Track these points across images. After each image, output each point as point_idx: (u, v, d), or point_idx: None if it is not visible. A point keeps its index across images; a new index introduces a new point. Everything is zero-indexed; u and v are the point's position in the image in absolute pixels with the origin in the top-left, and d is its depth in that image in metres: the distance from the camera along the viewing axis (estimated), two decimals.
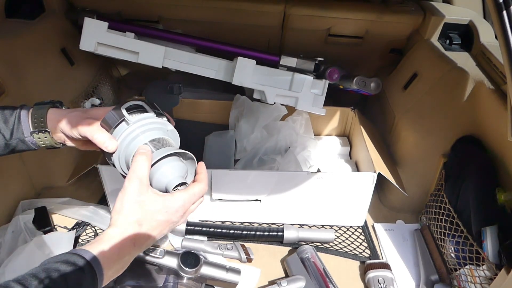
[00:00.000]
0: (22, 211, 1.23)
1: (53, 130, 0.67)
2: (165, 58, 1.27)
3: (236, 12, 1.44)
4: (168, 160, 0.63)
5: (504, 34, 0.72)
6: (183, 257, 0.98)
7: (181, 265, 0.96)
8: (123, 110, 0.65)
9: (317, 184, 1.17)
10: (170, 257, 0.99)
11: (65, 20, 1.41)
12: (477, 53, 1.28)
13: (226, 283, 1.00)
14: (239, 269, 1.02)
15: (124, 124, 0.64)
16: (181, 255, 0.99)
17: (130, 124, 0.64)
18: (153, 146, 0.64)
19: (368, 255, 1.20)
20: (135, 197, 0.57)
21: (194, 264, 0.97)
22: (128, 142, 0.64)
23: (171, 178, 0.62)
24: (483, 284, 0.94)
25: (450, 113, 1.20)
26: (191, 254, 0.99)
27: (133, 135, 0.64)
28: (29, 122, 0.67)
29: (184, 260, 0.97)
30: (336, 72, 1.31)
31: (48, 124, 0.67)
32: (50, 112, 0.68)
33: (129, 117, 0.64)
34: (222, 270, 1.01)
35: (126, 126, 0.64)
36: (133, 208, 0.57)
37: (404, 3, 1.51)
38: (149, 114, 0.67)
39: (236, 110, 1.48)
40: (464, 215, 1.04)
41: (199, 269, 0.98)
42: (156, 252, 0.98)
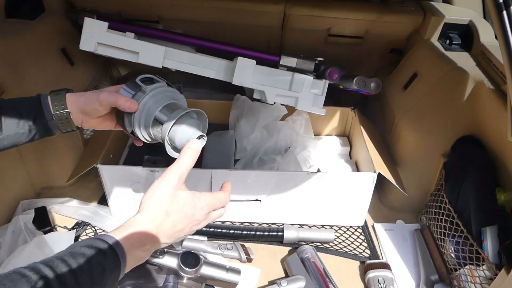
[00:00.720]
0: (22, 211, 1.23)
1: (72, 111, 0.73)
2: (165, 58, 1.27)
3: (236, 12, 1.44)
4: (185, 119, 0.71)
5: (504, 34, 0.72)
6: (183, 257, 0.98)
7: (181, 265, 0.96)
8: (138, 81, 0.73)
9: (317, 184, 1.17)
10: (170, 257, 0.99)
11: (65, 20, 1.41)
12: (477, 53, 1.28)
13: (226, 283, 1.00)
14: (239, 269, 1.02)
15: (140, 93, 0.72)
16: (181, 255, 0.98)
17: (147, 92, 0.72)
18: (170, 108, 0.71)
19: (368, 255, 1.20)
20: (170, 190, 0.61)
21: (194, 264, 0.97)
22: (148, 108, 0.72)
23: (191, 133, 0.71)
24: (483, 284, 0.94)
25: (450, 113, 1.20)
26: (191, 254, 0.99)
27: (151, 101, 0.72)
28: (50, 106, 0.72)
29: (184, 260, 0.97)
30: (336, 72, 1.31)
31: (67, 106, 0.72)
32: (68, 96, 0.73)
33: (144, 86, 0.72)
34: (222, 270, 1.00)
35: (142, 95, 0.72)
36: (166, 198, 0.60)
37: (404, 3, 1.51)
38: (161, 83, 0.75)
39: (236, 110, 1.48)
40: (464, 215, 1.04)
41: (199, 269, 0.97)
42: (156, 252, 0.97)
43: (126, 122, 0.73)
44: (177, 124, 0.70)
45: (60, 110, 0.72)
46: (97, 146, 1.28)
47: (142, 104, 0.72)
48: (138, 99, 0.72)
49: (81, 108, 0.73)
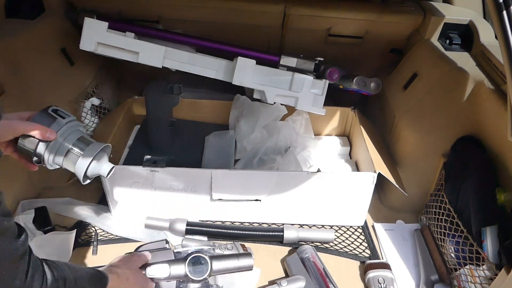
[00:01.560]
0: (22, 211, 1.23)
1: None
2: (165, 58, 1.27)
3: (236, 12, 1.44)
4: (98, 155, 0.79)
5: (504, 34, 0.72)
6: (190, 263, 0.89)
7: (190, 275, 0.88)
8: (51, 113, 0.76)
9: (317, 184, 1.17)
10: (176, 265, 0.89)
11: (65, 20, 1.41)
12: (477, 53, 1.28)
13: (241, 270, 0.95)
14: (249, 252, 0.99)
15: (56, 125, 0.75)
16: (188, 262, 0.89)
17: (62, 124, 0.75)
18: (83, 141, 0.78)
19: (368, 255, 1.20)
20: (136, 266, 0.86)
21: (204, 271, 0.90)
22: (63, 139, 0.76)
23: (104, 168, 0.81)
24: (483, 284, 0.94)
25: (450, 113, 1.20)
26: (197, 259, 0.90)
27: (66, 133, 0.76)
28: None
29: (193, 270, 0.89)
30: (336, 72, 1.31)
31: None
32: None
33: (60, 118, 0.76)
34: (233, 259, 0.94)
35: (58, 126, 0.75)
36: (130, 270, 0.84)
37: (404, 3, 1.51)
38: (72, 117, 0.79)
39: (236, 110, 1.48)
40: (464, 215, 1.04)
41: (210, 273, 0.90)
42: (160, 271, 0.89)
43: (37, 150, 0.74)
44: (94, 160, 0.78)
45: None
46: None
47: (58, 135, 0.75)
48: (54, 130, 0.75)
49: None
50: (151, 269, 0.86)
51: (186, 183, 1.17)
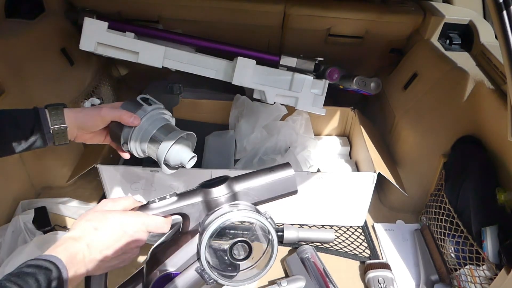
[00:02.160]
0: (22, 211, 1.23)
1: (70, 126, 0.75)
2: (165, 58, 1.27)
3: (236, 12, 1.44)
4: (179, 141, 0.77)
5: (504, 34, 0.72)
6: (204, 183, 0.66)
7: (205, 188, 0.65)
8: (139, 100, 0.79)
9: (317, 184, 1.17)
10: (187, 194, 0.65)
11: (65, 20, 1.41)
12: (477, 53, 1.28)
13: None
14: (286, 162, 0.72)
15: (141, 112, 0.77)
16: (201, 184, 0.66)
17: (148, 111, 0.77)
18: (166, 129, 0.77)
19: (368, 255, 1.20)
20: (101, 209, 0.62)
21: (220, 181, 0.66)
22: (147, 126, 0.77)
23: (185, 155, 0.76)
24: (483, 284, 0.94)
25: (450, 113, 1.20)
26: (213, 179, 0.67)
27: (150, 120, 0.77)
28: (49, 119, 0.74)
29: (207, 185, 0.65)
30: (336, 72, 1.31)
31: (66, 121, 0.75)
32: (66, 111, 0.75)
33: (146, 105, 0.78)
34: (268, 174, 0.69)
35: (143, 113, 0.77)
36: (95, 216, 0.60)
37: (404, 3, 1.51)
38: (159, 105, 0.81)
39: (236, 110, 1.48)
40: (464, 215, 1.04)
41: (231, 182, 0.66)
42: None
43: (124, 135, 0.77)
44: (173, 147, 0.76)
45: (58, 125, 0.74)
46: (97, 146, 1.28)
47: (143, 122, 0.77)
48: (139, 117, 0.77)
49: (79, 123, 0.76)
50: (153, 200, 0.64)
51: (186, 183, 1.17)
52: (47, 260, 0.53)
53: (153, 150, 0.77)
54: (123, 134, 0.77)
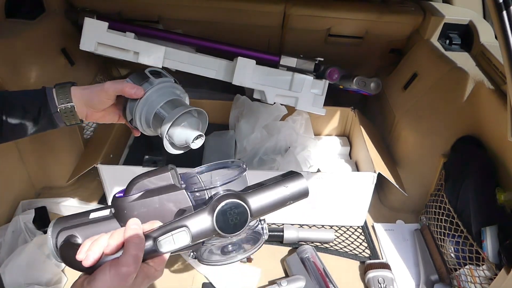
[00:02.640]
0: (22, 211, 1.23)
1: (77, 104, 0.73)
2: (165, 58, 1.27)
3: (236, 12, 1.44)
4: (186, 117, 0.71)
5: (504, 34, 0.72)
6: (220, 216, 0.54)
7: (222, 232, 0.54)
8: (147, 73, 0.73)
9: (317, 184, 1.17)
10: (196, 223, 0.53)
11: (65, 20, 1.41)
12: (477, 53, 1.28)
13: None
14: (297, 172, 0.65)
15: (147, 84, 0.72)
16: (216, 216, 0.54)
17: (154, 84, 0.72)
18: (173, 104, 0.72)
19: (368, 255, 1.20)
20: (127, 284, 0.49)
21: (241, 221, 0.56)
22: (152, 100, 0.71)
23: (190, 132, 0.70)
24: (483, 284, 0.94)
25: (450, 113, 1.20)
26: (229, 207, 0.55)
27: (156, 94, 0.72)
28: (55, 98, 0.72)
29: (224, 223, 0.55)
30: (336, 72, 1.31)
31: (72, 99, 0.73)
32: (73, 89, 0.73)
33: (152, 78, 0.72)
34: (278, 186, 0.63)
35: (149, 86, 0.71)
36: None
37: (404, 3, 1.51)
38: (168, 78, 0.76)
39: (236, 110, 1.48)
40: (464, 215, 1.04)
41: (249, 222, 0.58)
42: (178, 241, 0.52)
43: (128, 110, 0.73)
44: (178, 121, 0.70)
45: (65, 103, 0.72)
46: (97, 146, 1.28)
47: (147, 95, 0.71)
48: (144, 89, 0.72)
49: (86, 101, 0.73)
50: (162, 242, 0.50)
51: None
52: None
53: (157, 126, 0.71)
54: (129, 108, 0.72)
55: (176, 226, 0.51)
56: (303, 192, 0.62)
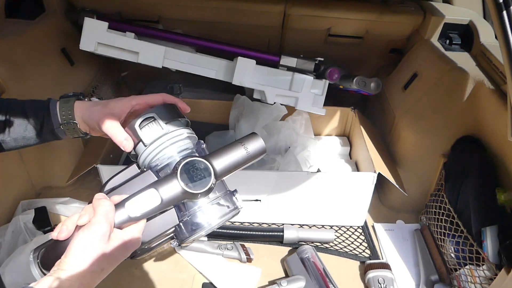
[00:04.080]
0: (22, 211, 1.23)
1: (79, 121, 0.72)
2: (165, 58, 1.27)
3: (236, 12, 1.44)
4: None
5: (504, 34, 0.72)
6: (184, 174, 0.57)
7: (190, 190, 0.56)
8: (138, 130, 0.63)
9: (317, 184, 1.17)
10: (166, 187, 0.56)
11: (65, 20, 1.41)
12: (477, 53, 1.28)
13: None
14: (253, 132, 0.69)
15: (142, 145, 0.63)
16: (180, 173, 0.56)
17: (147, 146, 0.63)
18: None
19: (368, 255, 1.20)
20: (103, 243, 0.52)
21: (206, 176, 0.58)
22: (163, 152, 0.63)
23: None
24: (483, 284, 0.94)
25: (450, 113, 1.20)
26: (191, 165, 0.58)
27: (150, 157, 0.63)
28: (58, 114, 0.71)
29: (191, 182, 0.57)
30: (336, 72, 1.31)
31: (75, 116, 0.71)
32: (76, 104, 0.71)
33: (145, 139, 0.63)
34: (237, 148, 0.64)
35: (144, 148, 0.63)
36: (99, 255, 0.51)
37: (404, 3, 1.51)
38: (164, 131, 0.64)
39: (236, 110, 1.48)
40: (464, 215, 1.04)
41: (216, 177, 0.60)
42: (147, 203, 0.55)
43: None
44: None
45: (67, 120, 0.70)
46: (97, 146, 1.28)
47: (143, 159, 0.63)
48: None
49: (86, 120, 0.71)
50: (131, 205, 0.54)
51: None
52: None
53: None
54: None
55: (144, 190, 0.54)
56: (260, 149, 0.65)
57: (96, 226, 0.51)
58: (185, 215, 0.59)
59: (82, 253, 0.51)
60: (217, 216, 0.60)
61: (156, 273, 1.13)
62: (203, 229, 0.59)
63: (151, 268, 1.13)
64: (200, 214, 0.59)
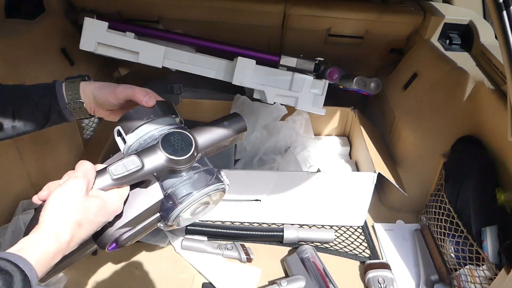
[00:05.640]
0: (22, 211, 1.22)
1: (85, 100, 0.73)
2: (165, 58, 1.27)
3: (236, 12, 1.44)
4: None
5: (504, 34, 0.72)
6: (166, 143, 0.59)
7: (172, 156, 0.58)
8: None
9: (317, 184, 1.17)
10: (149, 157, 0.57)
11: (65, 20, 1.41)
12: (477, 53, 1.28)
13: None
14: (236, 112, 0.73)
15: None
16: (162, 143, 0.59)
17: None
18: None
19: (368, 255, 1.20)
20: (80, 197, 0.53)
21: (187, 145, 0.60)
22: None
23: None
24: (483, 284, 0.94)
25: (450, 113, 1.20)
26: (173, 135, 0.61)
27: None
28: (64, 94, 0.72)
29: (173, 150, 0.59)
30: (336, 72, 1.31)
31: (81, 95, 0.72)
32: (83, 84, 0.73)
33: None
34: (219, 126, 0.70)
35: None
36: (76, 207, 0.52)
37: (404, 3, 1.51)
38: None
39: (236, 110, 1.48)
40: (464, 215, 1.04)
41: (196, 147, 0.61)
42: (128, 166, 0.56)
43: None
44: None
45: (74, 100, 0.72)
46: (97, 146, 1.28)
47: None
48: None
49: (94, 97, 0.72)
50: (112, 169, 0.55)
51: None
52: (12, 262, 0.43)
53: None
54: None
55: (126, 157, 0.57)
56: (241, 126, 0.69)
57: (73, 180, 0.53)
58: (169, 189, 0.59)
59: (57, 204, 0.52)
60: (201, 185, 0.60)
61: (156, 273, 1.13)
62: (188, 198, 0.58)
63: (151, 268, 1.14)
64: (183, 185, 0.60)
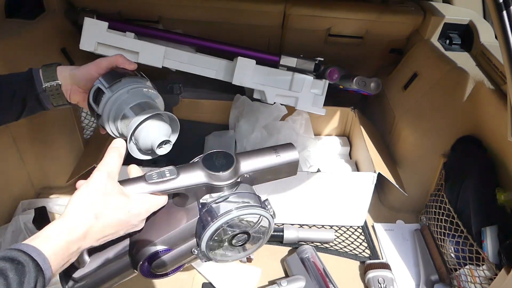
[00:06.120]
0: (22, 211, 1.23)
1: (62, 82, 0.73)
2: (165, 58, 1.27)
3: (236, 12, 1.44)
4: (154, 121, 0.67)
5: (504, 34, 0.72)
6: (206, 162, 0.60)
7: (206, 168, 0.59)
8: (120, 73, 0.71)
9: (317, 184, 1.17)
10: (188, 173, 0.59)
11: (65, 20, 1.41)
12: (477, 53, 1.28)
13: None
14: (290, 143, 0.72)
15: (119, 84, 0.69)
16: (203, 159, 0.60)
17: (125, 85, 0.69)
18: (141, 107, 0.69)
19: (368, 255, 1.20)
20: (100, 190, 0.53)
21: (227, 163, 0.60)
22: (121, 101, 0.69)
23: (156, 136, 0.66)
24: (483, 284, 0.94)
25: (450, 113, 1.20)
26: (216, 155, 0.61)
27: (126, 95, 0.69)
28: (41, 77, 0.72)
29: (211, 164, 0.60)
30: (336, 72, 1.31)
31: (58, 77, 0.73)
32: (59, 68, 0.74)
33: (125, 79, 0.70)
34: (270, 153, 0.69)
35: (120, 86, 0.69)
36: (95, 200, 0.52)
37: (404, 3, 1.51)
38: (142, 80, 0.73)
39: (236, 110, 1.48)
40: (464, 215, 1.04)
41: (237, 167, 0.61)
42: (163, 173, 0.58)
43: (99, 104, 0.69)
44: (144, 125, 0.67)
45: (51, 82, 0.72)
46: (97, 146, 1.28)
47: (117, 95, 0.68)
48: (115, 90, 0.69)
49: (72, 76, 0.73)
50: (149, 175, 0.57)
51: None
52: (26, 253, 0.44)
53: (124, 128, 0.68)
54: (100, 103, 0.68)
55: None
56: (292, 157, 0.68)
57: (94, 174, 0.55)
58: (205, 207, 0.59)
59: (76, 196, 0.53)
60: (241, 205, 0.58)
61: None
62: (224, 216, 0.57)
63: None
64: (221, 204, 0.59)
